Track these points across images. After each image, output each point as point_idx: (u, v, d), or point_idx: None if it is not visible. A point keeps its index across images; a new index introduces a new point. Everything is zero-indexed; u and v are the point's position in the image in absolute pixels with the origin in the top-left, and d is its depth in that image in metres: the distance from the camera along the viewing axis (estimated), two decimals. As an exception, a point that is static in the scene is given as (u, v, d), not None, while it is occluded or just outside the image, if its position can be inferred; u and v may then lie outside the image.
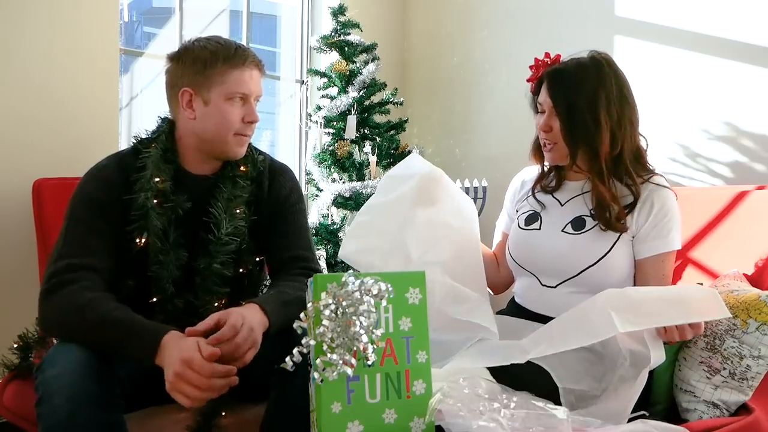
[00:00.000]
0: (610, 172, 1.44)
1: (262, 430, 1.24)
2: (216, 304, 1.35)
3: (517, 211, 1.65)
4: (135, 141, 1.43)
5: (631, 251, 1.46)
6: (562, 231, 1.48)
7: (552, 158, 1.53)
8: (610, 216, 1.42)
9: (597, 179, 1.43)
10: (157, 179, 1.34)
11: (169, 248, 1.34)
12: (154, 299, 1.34)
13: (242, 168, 1.43)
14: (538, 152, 1.60)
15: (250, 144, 1.47)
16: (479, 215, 2.33)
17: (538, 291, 1.48)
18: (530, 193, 1.62)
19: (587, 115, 1.42)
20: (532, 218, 1.56)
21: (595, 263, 1.42)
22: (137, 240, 1.33)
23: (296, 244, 1.46)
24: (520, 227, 1.57)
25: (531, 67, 1.58)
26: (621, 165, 1.45)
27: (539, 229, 1.52)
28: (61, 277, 1.25)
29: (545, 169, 1.61)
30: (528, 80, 1.59)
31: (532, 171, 1.70)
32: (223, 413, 1.27)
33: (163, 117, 1.46)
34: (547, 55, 1.55)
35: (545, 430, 1.01)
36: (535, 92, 1.56)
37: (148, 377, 1.28)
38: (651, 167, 1.51)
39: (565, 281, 1.45)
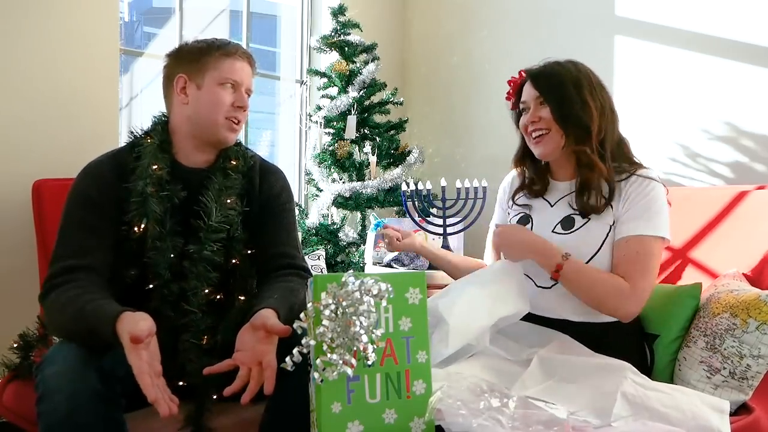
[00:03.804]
0: (599, 154, 1.46)
1: (261, 430, 1.24)
2: (206, 291, 1.37)
3: (508, 213, 1.65)
4: (131, 136, 1.48)
5: None
6: (552, 231, 1.48)
7: (544, 151, 1.51)
8: (588, 198, 1.44)
9: (588, 158, 1.45)
10: (155, 166, 1.38)
11: (166, 235, 1.37)
12: (150, 286, 1.36)
13: (233, 161, 1.47)
14: (521, 160, 1.62)
15: (240, 142, 1.51)
16: (479, 215, 2.34)
17: (533, 292, 1.47)
18: (519, 197, 1.62)
19: (576, 97, 1.45)
20: (523, 220, 1.57)
21: (587, 262, 1.42)
22: (135, 228, 1.36)
23: (284, 241, 1.49)
24: None
25: (509, 82, 1.61)
26: (604, 153, 1.47)
27: (531, 231, 1.52)
28: (53, 280, 1.29)
29: (527, 176, 1.61)
30: (507, 97, 1.62)
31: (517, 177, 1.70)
32: (209, 410, 1.27)
33: (157, 115, 1.51)
34: (520, 75, 1.59)
35: (544, 429, 1.01)
36: (516, 105, 1.59)
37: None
38: (637, 160, 1.52)
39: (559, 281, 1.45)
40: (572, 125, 1.45)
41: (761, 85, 2.17)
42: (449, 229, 2.39)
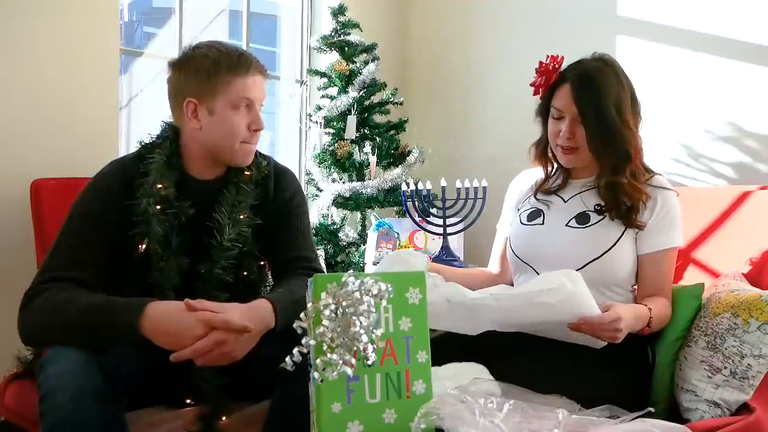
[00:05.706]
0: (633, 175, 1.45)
1: (265, 429, 1.24)
2: None
3: (518, 210, 1.64)
4: (140, 145, 1.42)
5: (635, 248, 1.47)
6: (566, 225, 1.48)
7: (570, 161, 1.52)
8: (628, 210, 1.44)
9: (625, 188, 1.43)
10: (160, 185, 1.33)
11: (170, 255, 1.33)
12: None
13: (246, 173, 1.43)
14: (542, 156, 1.60)
15: None
16: (479, 215, 2.33)
17: None
18: (533, 195, 1.61)
19: (618, 122, 1.43)
20: (535, 214, 1.56)
21: (600, 257, 1.42)
22: (138, 246, 1.32)
23: (300, 244, 1.47)
24: (522, 223, 1.57)
25: (537, 72, 1.53)
26: (637, 171, 1.47)
27: (542, 224, 1.52)
28: (38, 288, 1.26)
29: (548, 171, 1.60)
30: (535, 90, 1.55)
31: (529, 177, 1.69)
32: (224, 417, 1.27)
33: (167, 122, 1.45)
34: (554, 59, 1.52)
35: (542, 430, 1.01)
36: (545, 97, 1.53)
37: (150, 376, 1.28)
38: (647, 166, 1.52)
39: None
40: (607, 151, 1.44)
41: (765, 85, 2.16)
42: (449, 229, 2.39)
